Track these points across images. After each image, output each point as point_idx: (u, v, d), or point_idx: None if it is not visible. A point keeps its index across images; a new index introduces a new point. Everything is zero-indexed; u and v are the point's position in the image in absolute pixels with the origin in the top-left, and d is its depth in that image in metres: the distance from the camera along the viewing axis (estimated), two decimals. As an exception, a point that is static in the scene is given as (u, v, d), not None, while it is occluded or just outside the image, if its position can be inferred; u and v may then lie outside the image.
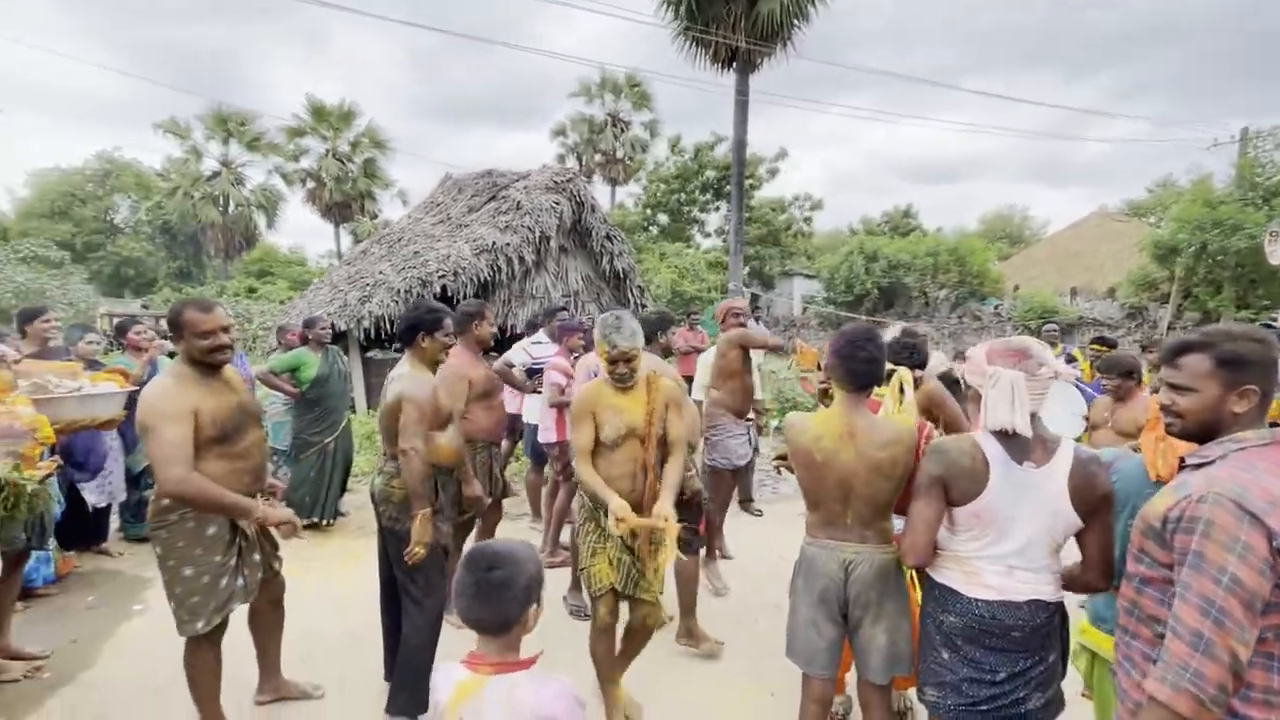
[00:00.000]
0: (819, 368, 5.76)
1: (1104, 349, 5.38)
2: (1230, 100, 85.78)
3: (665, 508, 2.55)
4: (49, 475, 2.82)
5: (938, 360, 3.34)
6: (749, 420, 4.41)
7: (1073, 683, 2.06)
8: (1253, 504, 1.30)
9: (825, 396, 2.87)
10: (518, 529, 5.09)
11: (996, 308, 20.13)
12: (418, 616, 2.68)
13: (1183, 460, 1.54)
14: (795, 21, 12.47)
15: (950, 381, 3.00)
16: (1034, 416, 1.84)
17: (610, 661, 2.77)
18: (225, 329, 2.36)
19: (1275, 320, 12.17)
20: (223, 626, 2.45)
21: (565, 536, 4.36)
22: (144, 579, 4.12)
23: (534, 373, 4.89)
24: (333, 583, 4.06)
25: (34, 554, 3.46)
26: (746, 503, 5.73)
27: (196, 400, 2.28)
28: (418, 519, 2.60)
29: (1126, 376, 3.49)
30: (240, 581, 2.45)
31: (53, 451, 3.09)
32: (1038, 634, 1.83)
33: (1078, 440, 2.19)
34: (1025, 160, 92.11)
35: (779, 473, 3.03)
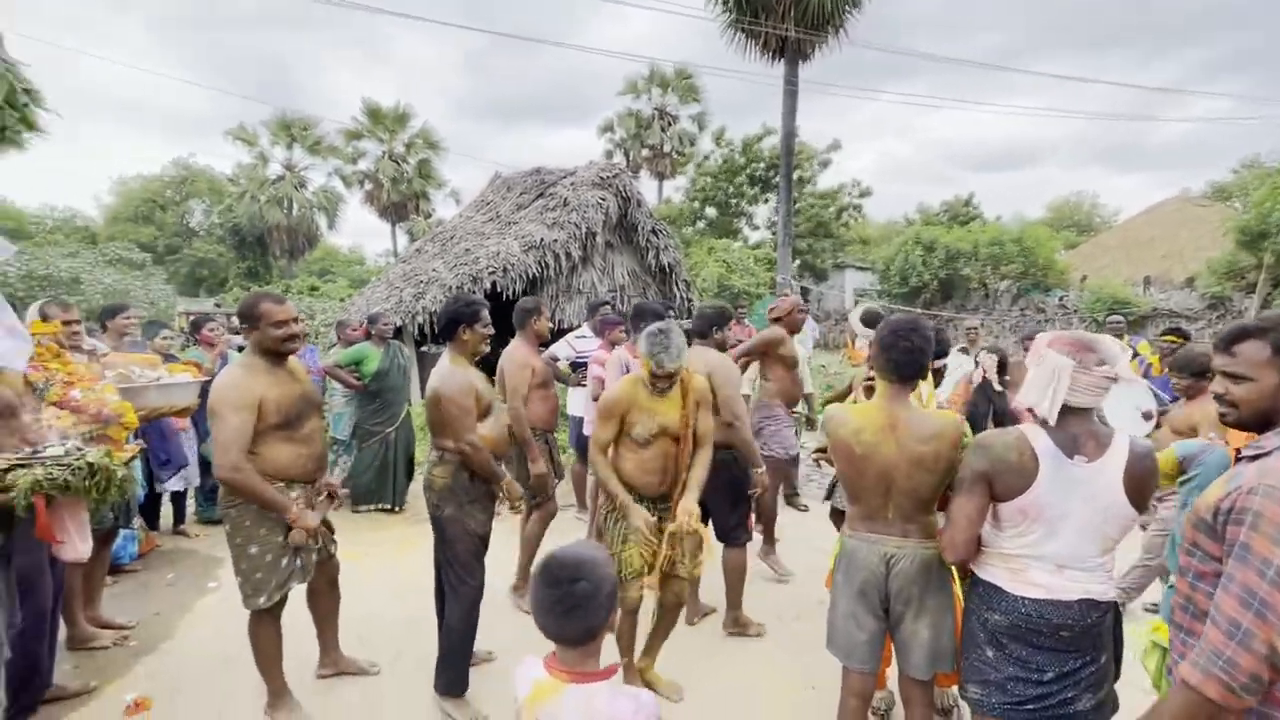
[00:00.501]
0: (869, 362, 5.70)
1: (1177, 341, 5.06)
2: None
3: (690, 504, 2.64)
4: (133, 458, 3.05)
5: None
6: (796, 414, 4.41)
7: (1129, 684, 1.99)
8: None
9: (870, 393, 2.84)
10: (564, 518, 5.19)
11: (1062, 299, 19.18)
12: (455, 601, 2.78)
13: (1238, 452, 1.48)
14: (847, 8, 12.19)
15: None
16: (1087, 411, 1.78)
17: (631, 639, 2.88)
18: (296, 319, 2.55)
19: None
20: (282, 602, 2.62)
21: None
22: (217, 558, 4.40)
23: (577, 366, 4.98)
24: (392, 568, 4.24)
25: (120, 532, 3.74)
26: (792, 497, 5.67)
27: (263, 390, 2.44)
28: (504, 487, 2.83)
29: (1199, 376, 3.18)
30: (298, 562, 2.60)
31: (136, 436, 3.34)
32: (1089, 634, 1.78)
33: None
34: (1095, 145, 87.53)
35: (819, 466, 3.03)
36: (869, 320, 3.96)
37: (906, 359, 2.08)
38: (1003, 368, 3.35)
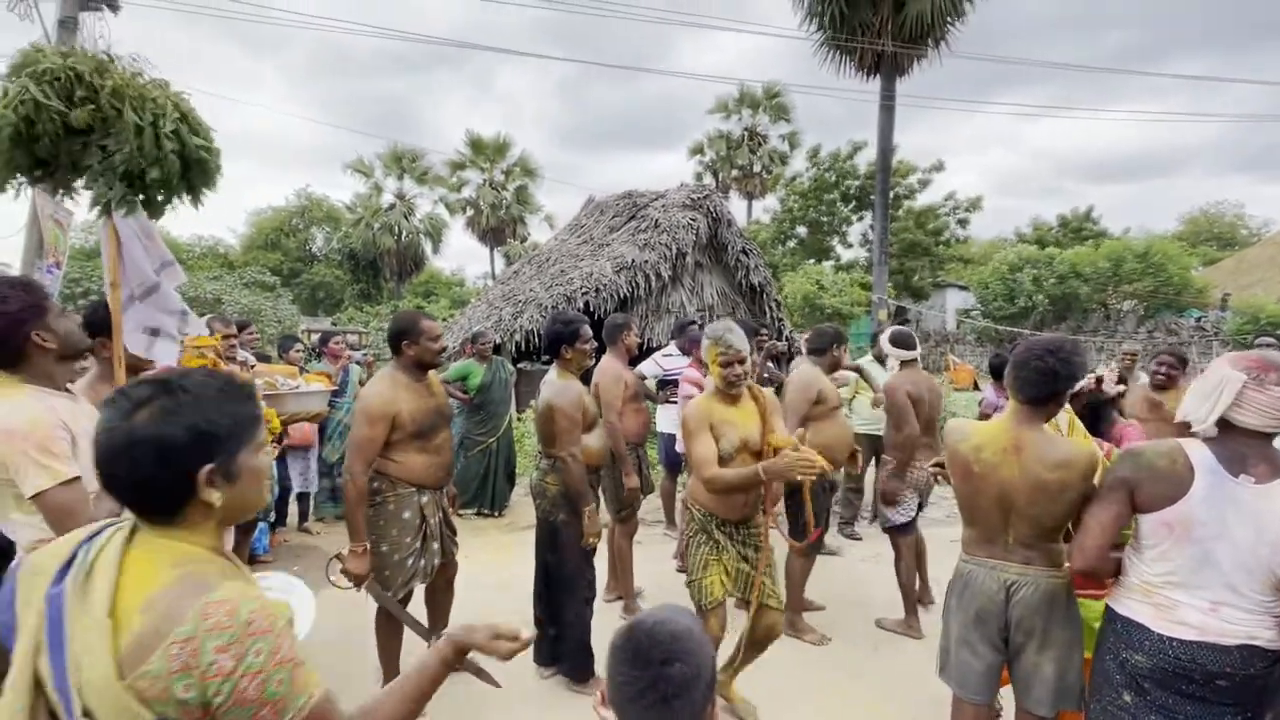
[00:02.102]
0: (976, 387, 5.38)
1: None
2: None
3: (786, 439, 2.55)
4: (274, 459, 3.40)
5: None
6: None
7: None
8: None
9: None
10: (652, 535, 5.24)
11: (1200, 320, 17.36)
12: (571, 599, 2.94)
13: None
14: (949, 20, 11.80)
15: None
16: (1265, 436, 1.61)
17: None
18: (443, 335, 2.86)
19: None
20: (407, 599, 2.82)
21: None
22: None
23: (665, 384, 5.06)
24: (493, 570, 4.43)
25: (259, 524, 4.14)
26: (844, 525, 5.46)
27: (401, 403, 2.66)
28: (585, 515, 2.88)
29: None
30: (422, 563, 2.80)
31: (278, 440, 3.71)
32: (1250, 686, 1.59)
33: None
34: (1238, 151, 79.37)
35: (937, 481, 2.93)
36: (899, 340, 3.80)
37: (1036, 379, 1.96)
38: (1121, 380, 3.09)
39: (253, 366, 3.69)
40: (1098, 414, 3.02)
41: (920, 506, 3.70)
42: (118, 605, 0.89)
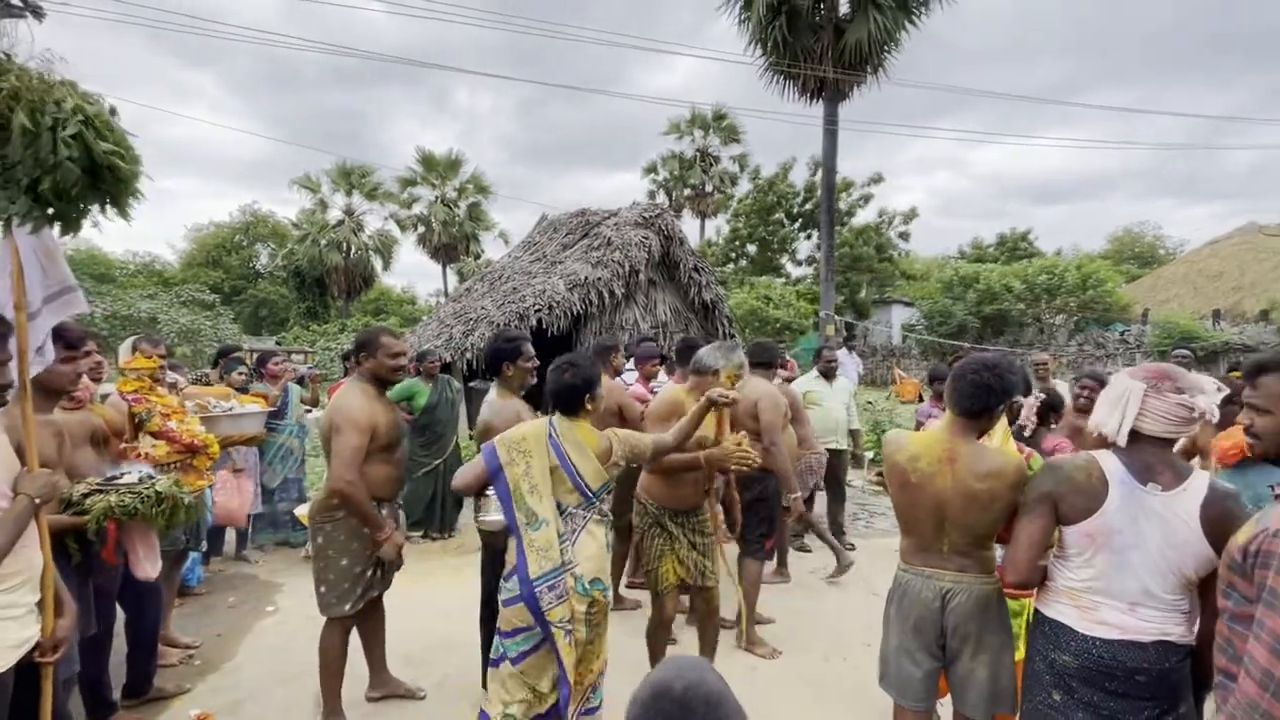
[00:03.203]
0: (921, 399, 5.60)
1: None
2: None
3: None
4: (202, 489, 3.25)
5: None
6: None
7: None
8: None
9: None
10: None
11: (1123, 334, 18.42)
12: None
13: (1273, 488, 1.44)
14: (885, 49, 12.34)
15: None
16: (1165, 442, 1.72)
17: (663, 653, 2.98)
18: (405, 353, 2.84)
19: None
20: (356, 615, 2.79)
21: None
22: (276, 584, 4.58)
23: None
24: (438, 594, 4.33)
25: (190, 555, 3.95)
26: (839, 536, 5.56)
27: (378, 415, 2.70)
28: None
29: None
30: (379, 575, 2.82)
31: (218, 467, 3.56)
32: (1166, 680, 1.68)
33: None
34: (1159, 176, 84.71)
35: (881, 490, 3.08)
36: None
37: (972, 392, 2.03)
38: (1052, 410, 3.21)
39: (183, 388, 3.54)
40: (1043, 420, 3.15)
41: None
42: (585, 441, 2.37)
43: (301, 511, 4.90)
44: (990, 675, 2.03)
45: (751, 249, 26.46)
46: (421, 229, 27.77)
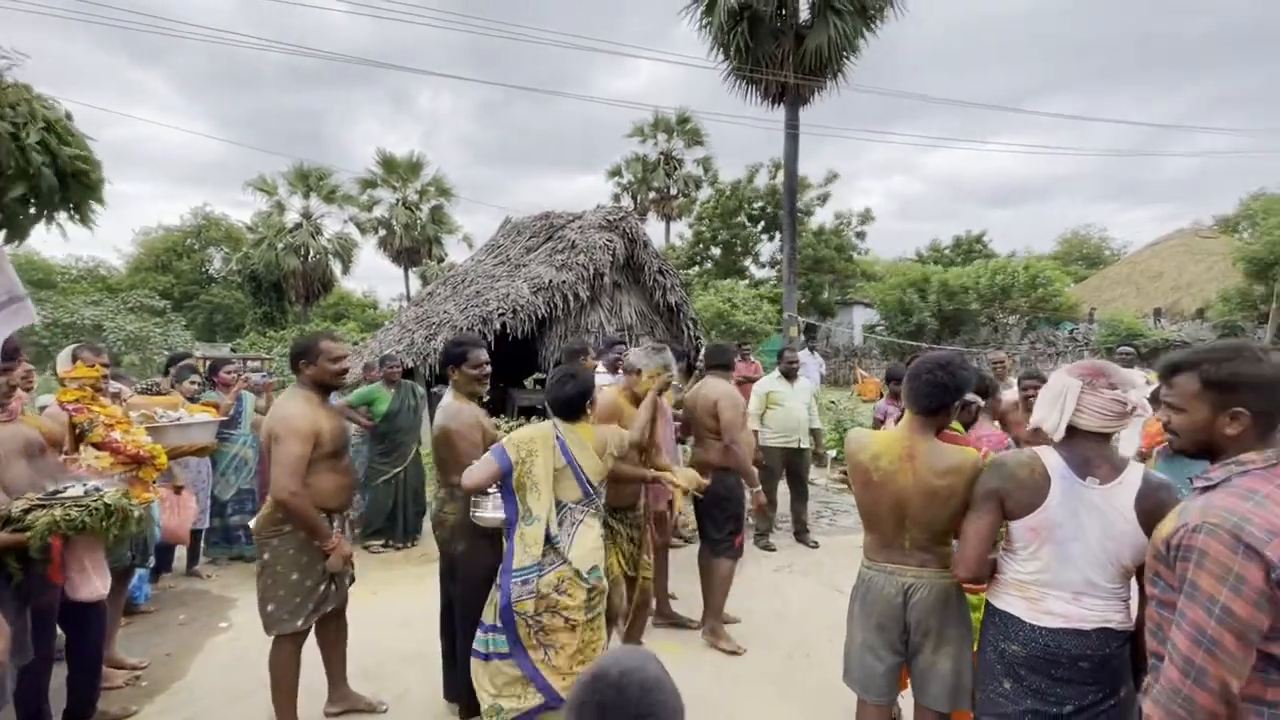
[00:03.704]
0: (881, 397, 5.77)
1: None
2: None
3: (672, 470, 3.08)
4: (150, 501, 3.13)
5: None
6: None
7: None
8: (1250, 535, 1.27)
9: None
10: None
11: (1072, 332, 19.13)
12: (471, 631, 2.79)
13: (1192, 481, 1.51)
14: (844, 55, 12.58)
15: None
16: (1102, 437, 1.79)
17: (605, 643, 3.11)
18: (346, 357, 2.79)
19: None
20: (308, 632, 2.71)
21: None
22: (229, 599, 4.43)
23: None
24: (399, 605, 4.25)
25: (137, 572, 3.79)
26: (802, 534, 5.65)
27: (321, 422, 2.62)
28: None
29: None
30: (334, 588, 2.73)
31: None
32: (1108, 665, 1.75)
33: None
34: (1105, 180, 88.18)
35: (847, 488, 3.18)
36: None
37: (928, 391, 2.08)
38: (986, 395, 3.31)
39: (128, 398, 3.40)
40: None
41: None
42: (586, 439, 2.60)
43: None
44: (953, 669, 2.08)
45: (715, 252, 26.68)
46: (382, 232, 27.25)
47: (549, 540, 2.51)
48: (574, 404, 2.63)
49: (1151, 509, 1.68)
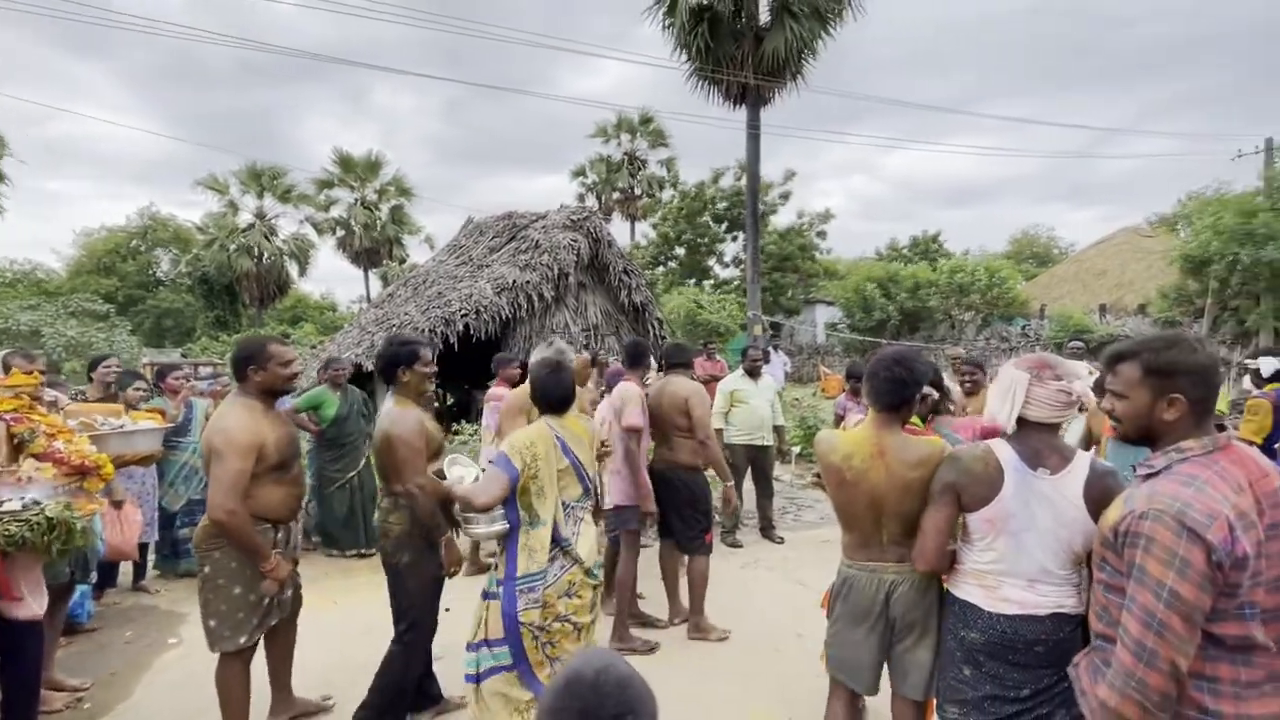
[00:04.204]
0: (843, 393, 5.88)
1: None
2: (1258, 114, 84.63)
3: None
4: (94, 513, 2.98)
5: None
6: None
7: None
8: (1192, 519, 1.32)
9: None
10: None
11: (1024, 328, 19.79)
12: (399, 651, 2.73)
13: (1135, 468, 1.57)
14: (802, 57, 12.76)
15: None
16: (1051, 428, 1.85)
17: None
18: (296, 360, 2.68)
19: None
20: (254, 647, 2.60)
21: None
22: (178, 614, 4.25)
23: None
24: (362, 610, 4.13)
25: (78, 589, 3.61)
26: (768, 530, 5.70)
27: (265, 432, 2.49)
28: (443, 545, 2.74)
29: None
30: (277, 601, 2.63)
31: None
32: (1061, 649, 1.80)
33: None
34: (1051, 181, 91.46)
35: (814, 483, 3.21)
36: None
37: (888, 387, 2.12)
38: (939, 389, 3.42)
39: (65, 405, 3.23)
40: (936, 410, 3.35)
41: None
42: (579, 432, 2.64)
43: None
44: (933, 657, 2.11)
45: (680, 252, 26.81)
46: (341, 233, 26.62)
47: (557, 542, 2.46)
48: (569, 398, 2.62)
49: (1099, 496, 1.73)
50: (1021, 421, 1.85)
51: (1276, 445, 3.68)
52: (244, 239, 24.71)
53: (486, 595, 2.53)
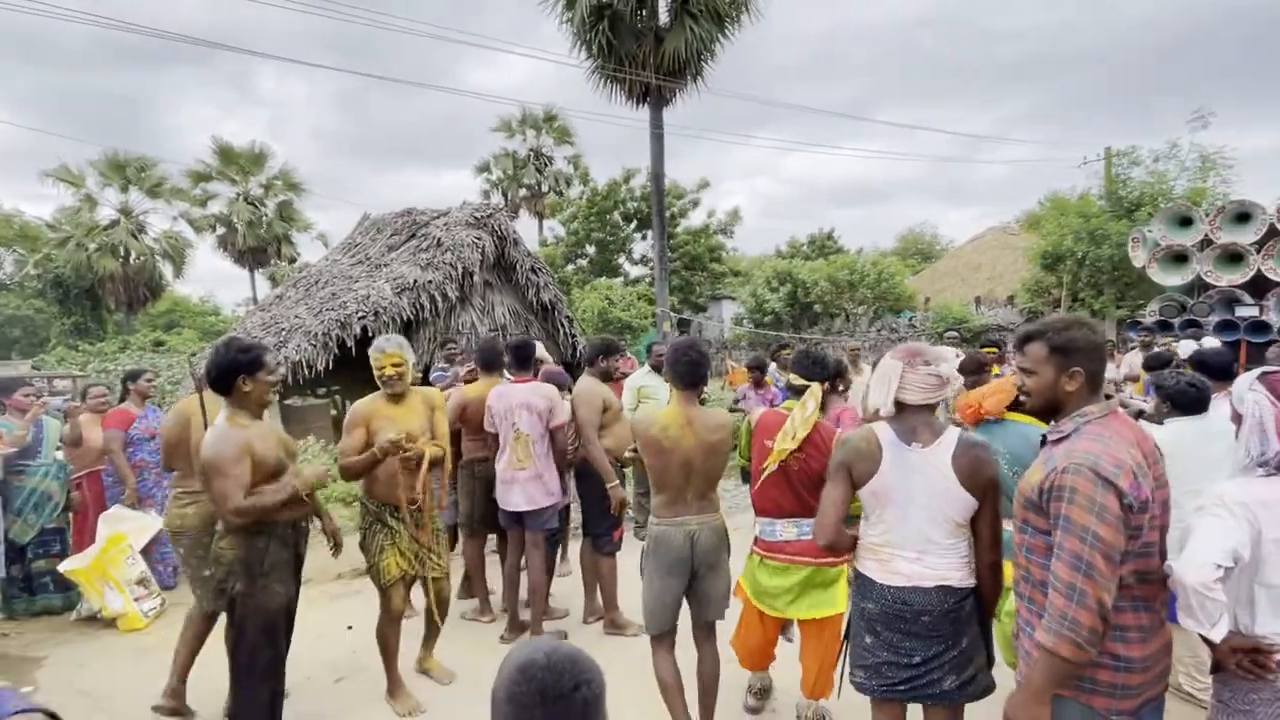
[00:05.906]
0: (748, 383, 6.18)
1: (993, 351, 5.87)
2: (1108, 124, 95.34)
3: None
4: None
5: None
6: None
7: (1002, 667, 2.24)
8: (1105, 469, 1.51)
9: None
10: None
11: (911, 320, 21.27)
12: (247, 698, 2.55)
13: (1044, 438, 1.77)
14: (702, 58, 13.08)
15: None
16: (926, 409, 2.02)
17: (396, 648, 3.14)
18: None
19: (1144, 318, 13.44)
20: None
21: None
22: (33, 659, 3.82)
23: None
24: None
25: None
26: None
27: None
28: (324, 520, 2.95)
29: (976, 372, 3.66)
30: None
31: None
32: (948, 619, 1.95)
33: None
34: (933, 183, 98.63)
35: (631, 465, 3.46)
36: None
37: (687, 370, 2.67)
38: (839, 377, 3.64)
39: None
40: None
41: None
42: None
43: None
44: (725, 587, 2.71)
45: (591, 250, 26.80)
46: (222, 230, 24.59)
47: None
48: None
49: (967, 465, 1.93)
50: (900, 405, 2.02)
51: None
52: (106, 237, 22.33)
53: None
